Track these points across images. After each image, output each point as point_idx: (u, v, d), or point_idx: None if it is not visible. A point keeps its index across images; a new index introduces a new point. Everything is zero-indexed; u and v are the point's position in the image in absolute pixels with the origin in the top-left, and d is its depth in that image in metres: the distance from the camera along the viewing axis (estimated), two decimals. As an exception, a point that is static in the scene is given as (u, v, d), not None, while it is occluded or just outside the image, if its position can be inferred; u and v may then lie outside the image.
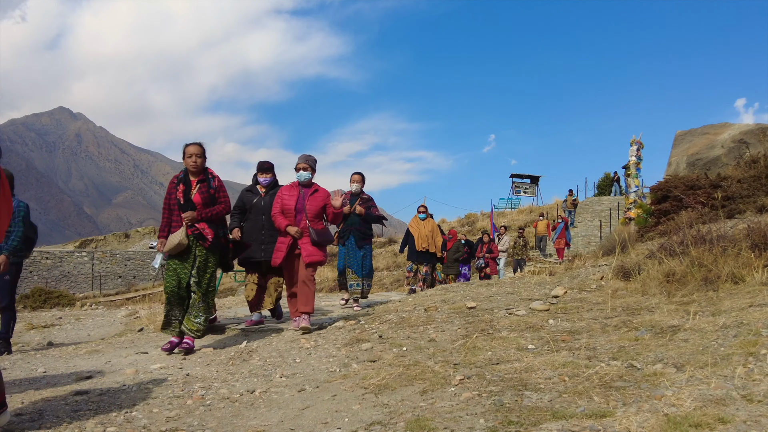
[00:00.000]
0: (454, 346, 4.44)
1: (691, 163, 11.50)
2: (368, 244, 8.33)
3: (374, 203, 8.46)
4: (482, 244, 17.47)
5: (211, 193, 5.90)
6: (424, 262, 12.04)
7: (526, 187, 42.94)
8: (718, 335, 3.61)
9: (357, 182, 8.34)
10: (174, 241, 5.62)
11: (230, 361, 4.76)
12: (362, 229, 8.19)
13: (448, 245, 15.08)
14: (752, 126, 11.28)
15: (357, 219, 8.16)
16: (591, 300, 5.76)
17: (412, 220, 12.55)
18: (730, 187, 8.94)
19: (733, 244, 5.84)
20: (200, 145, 5.95)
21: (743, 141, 11.00)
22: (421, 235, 11.92)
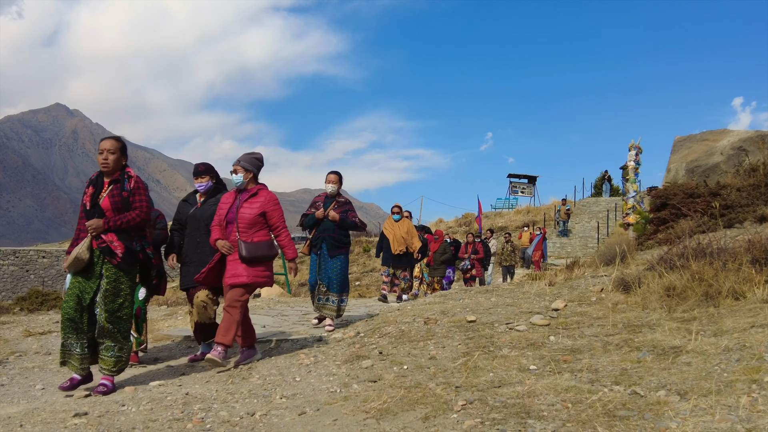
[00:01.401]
0: (455, 365, 4.42)
1: (690, 169, 11.50)
2: (343, 253, 7.51)
3: (352, 207, 7.68)
4: (467, 244, 16.73)
5: (124, 196, 4.88)
6: (401, 266, 11.45)
7: (524, 187, 43.02)
8: (720, 359, 3.60)
9: (332, 183, 7.57)
10: (72, 256, 4.70)
11: (230, 379, 4.74)
12: (336, 237, 7.38)
13: (435, 246, 14.64)
14: (751, 133, 11.29)
15: (331, 225, 7.38)
16: (591, 314, 5.75)
17: (386, 221, 11.93)
18: (729, 195, 8.94)
19: (733, 257, 5.84)
20: (116, 140, 5.07)
21: (742, 148, 11.01)
22: (397, 237, 11.31)
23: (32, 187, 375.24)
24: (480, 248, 16.60)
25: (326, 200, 7.54)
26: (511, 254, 18.55)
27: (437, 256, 14.52)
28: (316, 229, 7.44)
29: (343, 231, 7.49)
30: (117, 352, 4.78)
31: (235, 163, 5.76)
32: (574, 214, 32.57)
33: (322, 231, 7.38)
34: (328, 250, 7.31)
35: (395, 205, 12.04)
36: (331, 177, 7.61)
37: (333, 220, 7.32)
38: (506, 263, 18.48)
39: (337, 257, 7.38)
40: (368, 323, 7.14)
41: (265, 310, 9.52)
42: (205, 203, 6.22)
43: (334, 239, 7.35)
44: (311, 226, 7.47)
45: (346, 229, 7.52)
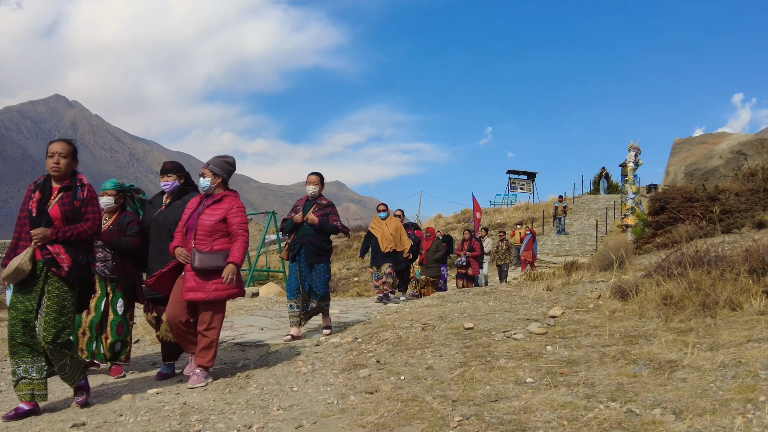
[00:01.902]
0: (452, 375, 4.43)
1: (689, 173, 11.50)
2: (324, 261, 7.06)
3: (334, 210, 7.23)
4: (464, 241, 16.30)
5: (76, 205, 4.47)
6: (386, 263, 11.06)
7: (523, 183, 43.05)
8: (716, 376, 3.61)
9: (313, 184, 7.13)
10: (12, 267, 4.23)
11: (227, 388, 4.75)
12: (316, 243, 6.94)
13: (427, 244, 14.32)
14: (750, 137, 11.29)
15: (310, 230, 6.93)
16: (588, 322, 5.76)
17: (373, 220, 11.61)
18: (727, 200, 8.95)
19: (731, 266, 5.85)
20: (68, 143, 4.60)
21: (741, 152, 11.01)
22: (385, 235, 10.98)
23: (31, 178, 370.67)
24: (476, 246, 16.21)
25: (306, 203, 7.13)
26: (505, 253, 18.25)
27: (430, 254, 14.22)
28: (295, 234, 7.04)
29: (324, 236, 7.06)
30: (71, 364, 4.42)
31: (204, 166, 5.39)
32: (573, 211, 32.58)
33: (301, 236, 6.96)
34: (306, 257, 6.90)
35: (381, 204, 11.83)
36: (311, 178, 7.19)
37: (312, 224, 6.89)
38: (500, 262, 18.20)
39: (318, 266, 6.99)
40: (366, 327, 7.15)
41: (263, 311, 9.54)
42: (169, 206, 5.70)
43: (314, 245, 6.93)
44: (290, 231, 7.10)
45: (326, 234, 7.08)
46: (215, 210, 5.21)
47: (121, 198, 5.89)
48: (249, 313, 9.30)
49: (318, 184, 7.16)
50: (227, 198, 5.33)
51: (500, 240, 18.68)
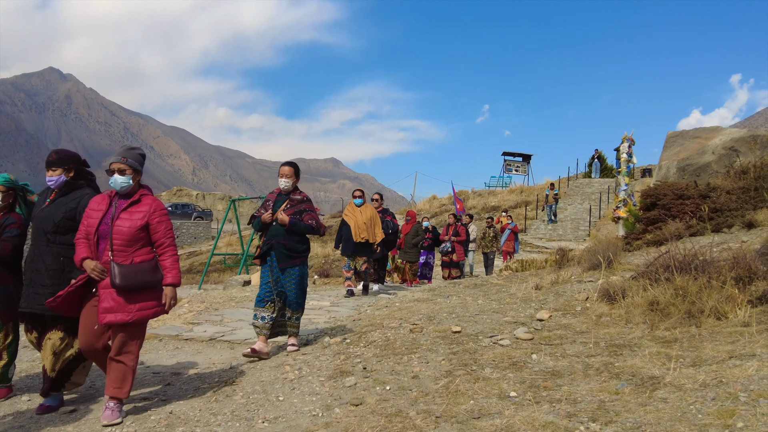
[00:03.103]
0: (437, 386, 4.47)
1: (682, 168, 11.51)
2: (298, 264, 6.29)
3: (310, 206, 6.46)
4: (448, 225, 15.65)
5: None
6: (363, 256, 10.48)
7: (518, 165, 43.09)
8: (696, 397, 3.65)
9: (286, 177, 6.36)
10: None
11: (213, 396, 4.77)
12: (288, 244, 6.17)
13: (407, 228, 13.85)
14: (743, 132, 11.30)
15: (281, 230, 6.19)
16: (575, 327, 5.81)
17: (347, 207, 10.93)
18: (719, 198, 8.98)
19: (718, 272, 5.89)
20: None
21: (734, 148, 11.02)
22: (359, 224, 10.35)
23: (25, 151, 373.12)
24: (462, 231, 15.66)
25: (278, 198, 6.39)
26: (492, 240, 17.59)
27: (409, 239, 13.75)
28: (265, 235, 6.34)
29: (298, 237, 6.29)
30: None
31: (119, 160, 4.49)
32: (567, 195, 32.64)
33: (271, 237, 6.24)
34: (278, 261, 6.17)
35: (357, 189, 11.15)
36: (284, 170, 6.42)
37: (282, 223, 6.16)
38: (487, 249, 17.55)
39: (291, 270, 6.23)
40: (356, 324, 7.20)
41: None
42: (53, 203, 4.83)
43: (285, 247, 6.18)
44: (260, 231, 6.44)
45: (300, 234, 6.30)
46: (134, 214, 4.43)
47: (10, 197, 5.19)
48: (240, 305, 9.33)
49: (292, 176, 6.38)
50: (146, 198, 4.56)
51: (487, 226, 18.04)
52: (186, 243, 42.40)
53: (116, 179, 4.42)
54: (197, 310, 8.69)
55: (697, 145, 11.57)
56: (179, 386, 5.21)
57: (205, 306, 9.03)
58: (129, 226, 4.36)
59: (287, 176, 6.36)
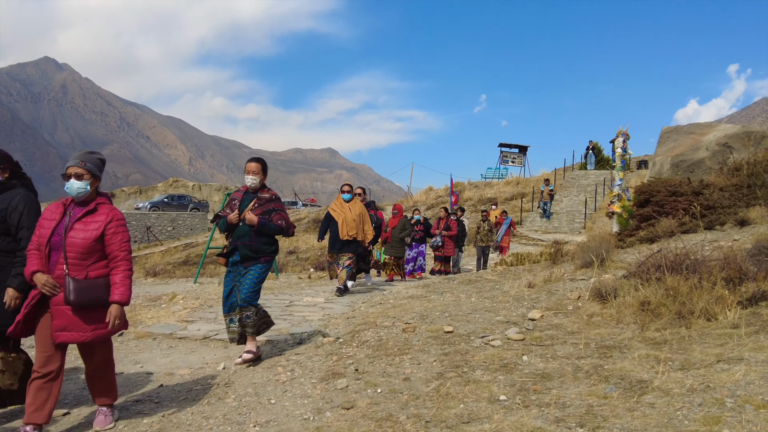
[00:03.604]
0: (428, 389, 4.50)
1: (675, 164, 11.54)
2: (260, 263, 5.89)
3: (279, 205, 6.09)
4: (440, 219, 15.21)
5: None
6: (348, 252, 10.06)
7: (514, 156, 43.12)
8: (683, 402, 3.68)
9: (253, 174, 5.94)
10: None
11: (206, 399, 4.79)
12: (254, 246, 5.82)
13: (394, 221, 13.41)
14: (737, 129, 11.31)
15: (248, 231, 5.82)
16: (566, 327, 5.85)
17: (334, 202, 10.43)
18: (711, 195, 9.01)
19: (708, 272, 5.92)
20: None
21: (728, 145, 11.03)
22: (347, 221, 9.88)
23: (21, 141, 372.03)
24: (453, 225, 15.22)
25: (245, 197, 6.01)
26: (488, 234, 16.93)
27: (395, 233, 13.32)
28: (230, 236, 5.96)
29: (265, 238, 5.92)
30: None
31: (76, 164, 4.15)
32: (563, 187, 32.67)
33: (236, 238, 5.87)
34: (241, 260, 5.84)
35: (346, 184, 10.68)
36: (250, 166, 5.99)
37: (250, 224, 5.78)
38: (482, 243, 16.90)
39: (253, 267, 5.86)
40: (349, 323, 7.23)
41: (249, 299, 9.56)
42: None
43: (251, 249, 5.81)
44: (226, 232, 6.01)
45: (268, 235, 5.94)
46: (89, 224, 4.10)
47: None
48: (234, 301, 9.34)
49: (259, 173, 5.97)
50: (103, 207, 4.22)
51: (482, 220, 17.36)
52: (182, 234, 42.40)
53: (72, 184, 4.08)
54: (191, 307, 8.72)
55: (691, 140, 11.59)
56: (172, 388, 5.23)
57: (199, 303, 9.06)
58: (83, 237, 4.04)
59: (254, 173, 5.93)
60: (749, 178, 9.14)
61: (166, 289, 14.73)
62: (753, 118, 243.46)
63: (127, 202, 53.04)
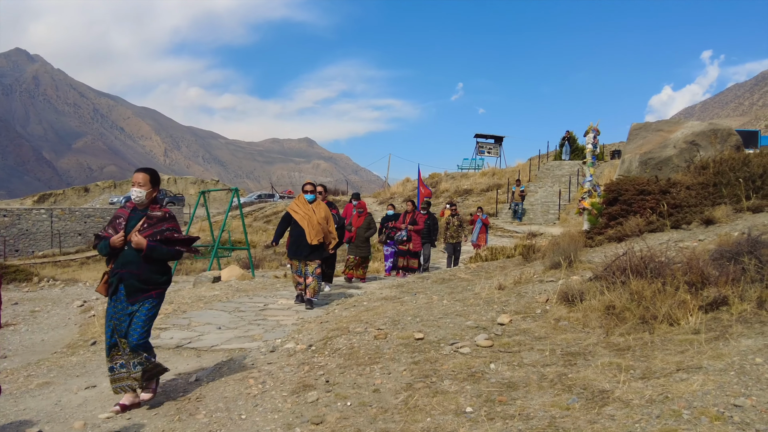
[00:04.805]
0: (396, 401, 4.58)
1: (644, 162, 11.70)
2: (151, 297, 5.07)
3: (174, 224, 5.22)
4: (405, 213, 14.39)
5: None
6: (316, 260, 9.19)
7: (490, 147, 43.35)
8: (642, 414, 3.79)
9: (139, 186, 5.13)
10: None
11: (177, 415, 4.83)
12: (142, 275, 4.97)
13: (359, 221, 12.76)
14: (704, 126, 11.49)
15: (134, 256, 4.97)
16: (534, 332, 5.96)
17: (295, 202, 9.44)
18: (678, 193, 9.17)
19: (672, 276, 6.05)
20: None
21: (694, 143, 11.21)
22: (313, 224, 9.01)
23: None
24: (420, 219, 14.41)
25: (132, 215, 5.14)
26: (458, 229, 16.36)
27: (361, 232, 12.72)
28: (114, 261, 5.07)
29: (156, 265, 5.09)
30: None
31: None
32: (538, 178, 32.93)
33: (120, 265, 5.00)
34: (127, 294, 4.97)
35: (308, 183, 9.67)
36: (137, 177, 5.17)
37: (137, 247, 4.95)
38: (452, 240, 16.33)
39: (144, 303, 5.04)
40: (322, 328, 7.27)
41: (223, 303, 9.58)
42: None
43: (139, 278, 4.97)
44: (107, 257, 5.12)
45: (160, 262, 5.13)
46: None
47: None
48: (208, 305, 9.36)
49: (147, 185, 5.14)
50: None
51: (452, 215, 16.73)
52: (158, 229, 42.15)
53: None
54: (165, 313, 8.71)
55: (659, 138, 11.76)
56: (143, 402, 5.25)
57: (173, 308, 9.05)
58: None
59: (141, 185, 5.12)
60: (715, 176, 9.31)
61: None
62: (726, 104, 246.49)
63: (101, 197, 52.58)
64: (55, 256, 32.10)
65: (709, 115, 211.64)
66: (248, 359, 6.31)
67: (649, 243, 7.92)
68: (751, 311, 5.29)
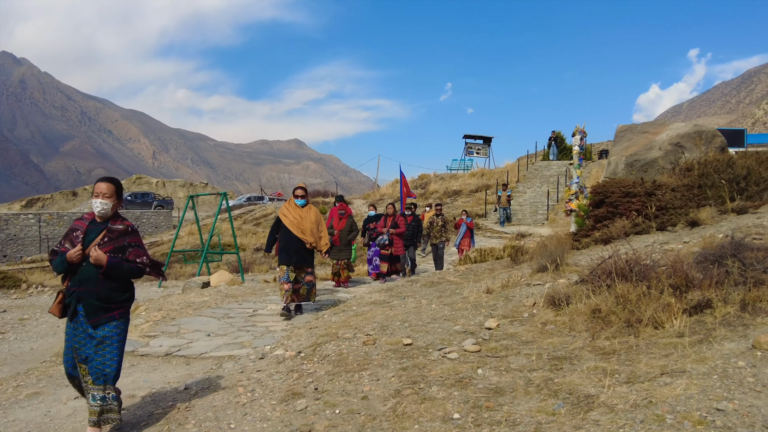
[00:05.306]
0: (385, 408, 4.61)
1: (630, 164, 11.79)
2: (114, 319, 4.66)
3: (137, 239, 4.86)
4: (386, 216, 14.08)
5: None
6: (306, 266, 9.07)
7: (479, 147, 43.49)
8: (626, 420, 3.84)
9: (102, 197, 4.74)
10: None
11: (166, 426, 4.84)
12: (101, 293, 4.57)
13: (341, 224, 12.67)
14: (689, 128, 11.59)
15: (93, 273, 4.57)
16: (521, 337, 6.01)
17: (285, 206, 9.23)
18: (664, 195, 9.25)
19: (657, 279, 6.12)
20: None
21: (679, 144, 11.30)
22: (306, 230, 8.86)
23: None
24: (401, 222, 14.09)
25: (91, 227, 4.74)
26: (441, 229, 16.08)
27: (344, 235, 12.61)
28: (70, 279, 4.70)
29: (117, 283, 4.69)
30: None
31: None
32: (526, 178, 33.05)
33: (78, 282, 4.62)
34: (87, 315, 4.58)
35: (299, 187, 9.37)
36: (100, 187, 4.79)
37: (96, 263, 4.54)
38: (436, 240, 16.05)
39: (107, 326, 4.63)
40: (311, 334, 7.30)
41: (212, 309, 9.58)
42: None
43: (98, 297, 4.57)
44: (63, 273, 4.72)
45: (120, 279, 4.72)
46: None
47: None
48: (197, 312, 9.35)
49: (112, 196, 4.80)
50: None
51: (435, 215, 16.54)
52: (147, 233, 41.96)
53: None
54: (154, 320, 8.71)
55: (645, 140, 11.85)
56: (133, 411, 5.26)
57: (162, 315, 9.04)
58: None
59: (107, 196, 4.75)
60: (700, 178, 9.39)
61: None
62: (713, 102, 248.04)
63: (89, 201, 52.39)
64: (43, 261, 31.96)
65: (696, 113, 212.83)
66: (237, 367, 6.33)
67: (634, 245, 8.01)
68: (735, 314, 5.36)
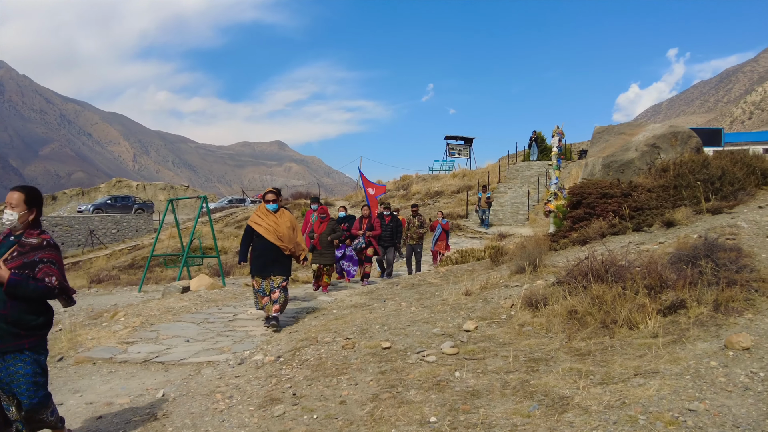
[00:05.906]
0: (362, 413, 4.63)
1: (607, 164, 11.90)
2: (24, 347, 4.10)
3: (52, 254, 4.26)
4: (362, 218, 13.77)
5: None
6: (281, 275, 8.46)
7: (460, 148, 43.64)
8: (600, 421, 3.89)
9: (11, 207, 4.24)
10: None
11: (144, 432, 4.84)
12: (10, 316, 4.00)
13: (322, 227, 12.24)
14: (665, 129, 11.73)
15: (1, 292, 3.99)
16: (498, 338, 6.05)
17: (257, 213, 8.65)
18: (640, 196, 9.34)
19: (632, 280, 6.19)
20: None
21: (655, 145, 11.43)
22: (283, 236, 8.38)
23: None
24: (377, 224, 13.77)
25: (2, 241, 4.27)
26: (418, 230, 15.57)
27: (324, 238, 12.14)
28: None
29: (26, 304, 4.11)
30: None
31: None
32: (507, 179, 33.22)
33: None
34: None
35: (269, 191, 8.80)
36: (11, 196, 4.28)
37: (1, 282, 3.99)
38: (413, 241, 15.54)
39: (16, 357, 4.08)
40: (291, 338, 7.30)
41: (192, 314, 9.54)
42: None
43: (6, 320, 4.02)
44: None
45: (31, 300, 4.12)
46: None
47: None
48: (177, 317, 9.30)
49: (20, 205, 4.27)
50: None
51: (412, 215, 15.94)
52: (127, 237, 41.67)
53: None
54: (132, 326, 8.65)
55: (621, 141, 11.98)
56: (110, 419, 5.23)
57: (140, 321, 8.98)
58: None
59: (13, 206, 4.25)
60: (675, 179, 9.50)
61: (109, 300, 14.57)
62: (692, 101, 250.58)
63: (69, 205, 51.88)
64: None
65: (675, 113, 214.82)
66: (216, 373, 6.31)
67: (611, 246, 8.09)
68: (708, 314, 5.44)
